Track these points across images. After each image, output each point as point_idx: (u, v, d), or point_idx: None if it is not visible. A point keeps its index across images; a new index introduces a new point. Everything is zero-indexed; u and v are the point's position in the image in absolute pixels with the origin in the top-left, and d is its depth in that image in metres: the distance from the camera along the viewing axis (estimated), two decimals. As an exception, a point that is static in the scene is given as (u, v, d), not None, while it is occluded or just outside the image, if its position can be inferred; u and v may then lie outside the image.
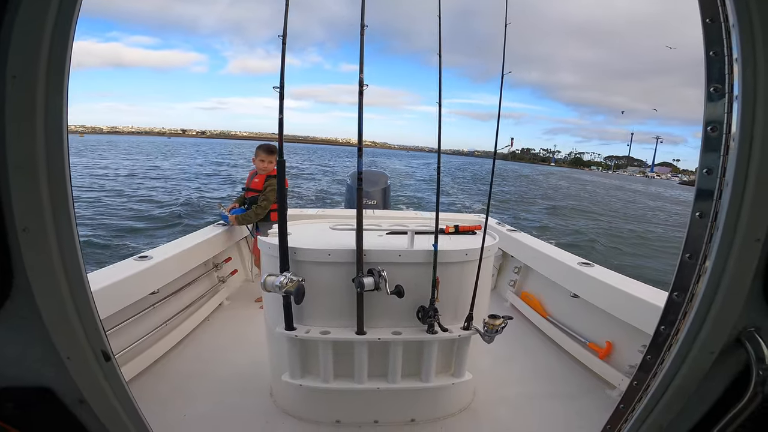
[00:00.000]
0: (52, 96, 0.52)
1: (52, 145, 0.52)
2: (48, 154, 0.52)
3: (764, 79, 0.69)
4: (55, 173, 0.53)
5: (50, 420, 0.67)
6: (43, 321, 0.57)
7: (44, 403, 0.65)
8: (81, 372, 0.62)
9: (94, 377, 0.63)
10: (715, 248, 0.72)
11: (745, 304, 0.77)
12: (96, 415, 0.67)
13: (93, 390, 0.64)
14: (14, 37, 0.49)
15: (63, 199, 0.53)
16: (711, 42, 0.76)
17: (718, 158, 0.71)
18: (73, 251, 0.56)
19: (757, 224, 0.70)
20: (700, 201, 0.74)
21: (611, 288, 2.19)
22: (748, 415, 0.87)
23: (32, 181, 0.51)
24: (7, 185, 0.50)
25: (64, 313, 0.57)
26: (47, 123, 0.51)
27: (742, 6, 0.70)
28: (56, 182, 0.53)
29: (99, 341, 0.61)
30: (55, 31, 0.52)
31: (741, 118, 0.68)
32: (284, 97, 1.58)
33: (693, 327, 0.79)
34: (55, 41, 0.52)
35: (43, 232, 0.53)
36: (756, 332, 0.81)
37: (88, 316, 0.59)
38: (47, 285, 0.55)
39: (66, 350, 0.59)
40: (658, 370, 0.88)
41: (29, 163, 0.51)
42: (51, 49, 0.51)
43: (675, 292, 0.80)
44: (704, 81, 0.75)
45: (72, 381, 0.62)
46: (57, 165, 0.53)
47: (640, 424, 0.97)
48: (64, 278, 0.56)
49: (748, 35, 0.70)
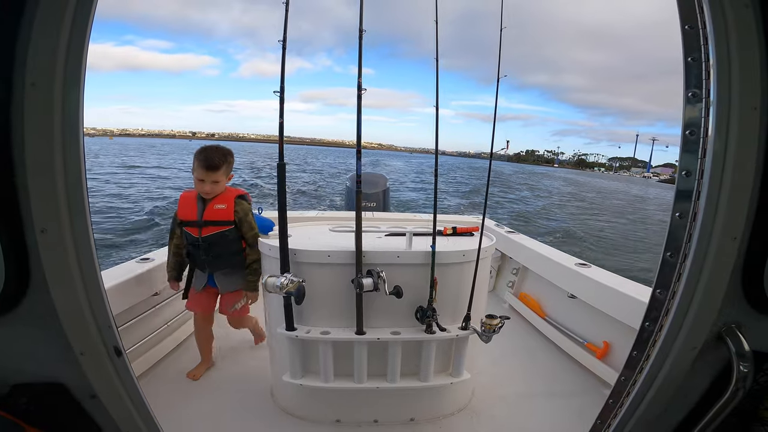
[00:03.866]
0: (69, 102, 0.55)
1: (69, 150, 0.56)
2: (65, 159, 0.55)
3: (738, 85, 0.72)
4: (71, 176, 0.56)
5: (61, 414, 0.69)
6: (59, 318, 0.60)
7: (56, 398, 0.67)
8: (93, 367, 0.64)
9: (106, 372, 0.65)
10: (694, 247, 0.75)
11: (724, 300, 0.80)
12: (106, 409, 0.69)
13: (104, 385, 0.67)
14: (31, 47, 0.52)
15: (79, 201, 0.57)
16: (689, 48, 0.79)
17: (696, 161, 0.74)
18: (88, 251, 0.59)
19: (733, 223, 0.73)
20: (679, 202, 0.77)
21: (608, 288, 2.21)
22: (731, 409, 0.90)
23: (50, 185, 0.54)
24: (26, 189, 0.54)
25: (79, 310, 0.60)
26: (64, 128, 0.55)
27: (718, 14, 0.74)
28: (73, 185, 0.56)
29: (112, 337, 0.64)
30: (71, 39, 0.55)
31: (716, 122, 0.71)
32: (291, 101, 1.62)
33: (675, 323, 0.82)
34: (71, 49, 0.55)
35: (60, 233, 0.57)
36: (737, 328, 0.84)
37: (102, 313, 0.62)
38: (63, 283, 0.58)
39: (80, 346, 0.62)
40: (644, 366, 0.91)
41: (47, 168, 0.54)
42: (67, 57, 0.54)
43: (658, 289, 0.83)
44: (683, 86, 0.79)
45: (84, 376, 0.65)
46: (74, 168, 0.56)
47: (628, 418, 1.00)
48: (79, 277, 0.59)
49: (723, 42, 0.73)
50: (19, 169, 0.53)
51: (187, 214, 1.98)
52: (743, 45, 0.73)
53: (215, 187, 1.94)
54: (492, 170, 1.89)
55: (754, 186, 0.73)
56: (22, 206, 0.54)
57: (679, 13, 0.82)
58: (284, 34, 1.57)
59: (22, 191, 0.54)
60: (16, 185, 0.54)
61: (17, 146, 0.52)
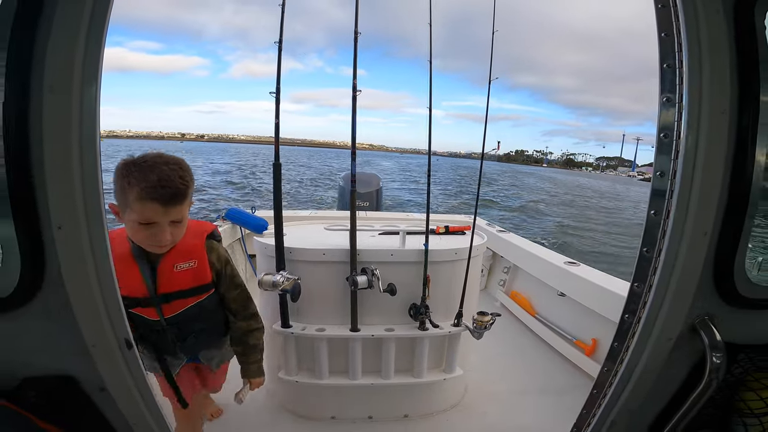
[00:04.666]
0: (86, 104, 0.58)
1: (86, 150, 0.58)
2: (82, 159, 0.58)
3: (709, 90, 0.77)
4: (88, 175, 0.59)
5: (70, 407, 0.71)
6: (72, 311, 0.62)
7: (66, 391, 0.69)
8: (104, 360, 0.66)
9: (116, 365, 0.67)
10: (667, 243, 0.79)
11: (696, 294, 0.84)
12: (115, 402, 0.71)
13: (114, 377, 0.68)
14: (49, 52, 0.55)
15: (95, 198, 0.59)
16: (665, 55, 0.83)
17: (669, 162, 0.79)
18: (102, 246, 0.62)
19: (703, 220, 0.78)
20: (654, 200, 0.82)
21: (595, 286, 2.26)
22: (707, 400, 0.94)
23: (67, 184, 0.57)
24: (44, 188, 0.57)
25: (92, 303, 0.62)
26: (82, 130, 0.58)
27: (691, 21, 0.78)
28: (89, 183, 0.59)
29: (123, 330, 0.66)
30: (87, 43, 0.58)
31: (688, 125, 0.76)
32: (283, 102, 1.66)
33: (651, 315, 0.86)
34: (88, 53, 0.58)
35: (76, 229, 0.59)
36: (709, 320, 0.89)
37: (114, 306, 0.64)
38: (77, 277, 0.61)
39: (91, 338, 0.64)
40: (624, 357, 0.95)
41: (65, 168, 0.57)
42: (84, 60, 0.57)
43: (635, 282, 0.88)
44: (658, 91, 0.83)
45: (95, 369, 0.67)
46: (90, 168, 0.59)
47: (611, 408, 1.03)
48: (93, 271, 0.61)
49: (695, 49, 0.78)
50: (37, 169, 0.56)
51: (127, 286, 1.09)
52: (714, 51, 0.78)
53: (179, 231, 1.15)
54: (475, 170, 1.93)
55: (722, 185, 0.78)
56: (40, 204, 0.57)
57: (656, 21, 0.86)
58: (280, 35, 1.61)
59: (39, 190, 0.56)
60: (34, 185, 0.56)
61: (35, 147, 0.55)
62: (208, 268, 1.27)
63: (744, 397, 1.07)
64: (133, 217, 1.06)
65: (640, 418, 1.05)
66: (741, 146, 0.77)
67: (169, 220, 1.10)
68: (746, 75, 0.77)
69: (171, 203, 1.07)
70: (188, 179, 1.11)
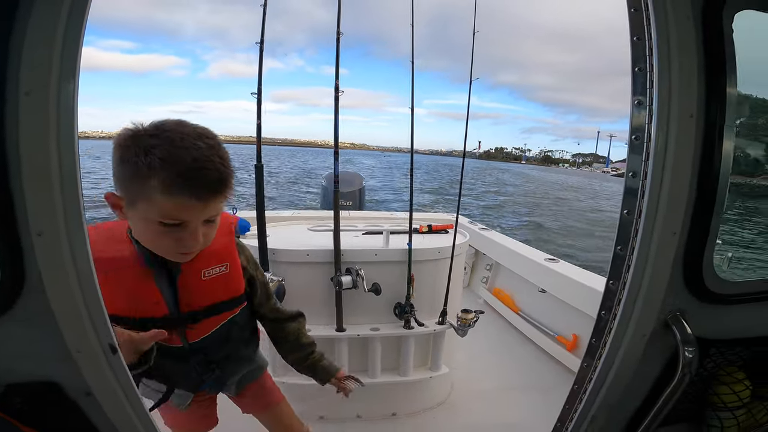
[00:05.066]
0: (63, 107, 0.57)
1: (64, 154, 0.57)
2: (61, 162, 0.57)
3: (677, 93, 0.79)
4: (67, 180, 0.58)
5: (56, 413, 0.70)
6: (55, 317, 0.61)
7: (51, 397, 0.67)
8: (89, 364, 0.65)
9: (101, 369, 0.66)
10: (639, 241, 0.82)
11: (668, 290, 0.87)
12: (101, 407, 0.69)
13: (100, 382, 0.67)
14: (24, 56, 0.53)
15: (75, 203, 0.59)
16: (637, 58, 0.84)
17: (641, 163, 0.81)
18: (83, 251, 0.61)
19: (672, 219, 0.81)
20: (627, 200, 0.84)
21: (574, 282, 2.31)
22: (681, 394, 0.96)
23: (46, 189, 0.56)
24: (23, 194, 0.55)
25: (75, 308, 0.61)
26: (59, 133, 0.57)
27: (662, 26, 0.80)
28: (68, 188, 0.58)
29: (107, 334, 0.65)
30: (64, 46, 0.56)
31: (657, 127, 0.78)
32: (263, 101, 1.64)
33: (626, 312, 0.89)
34: (64, 56, 0.57)
35: (56, 234, 0.58)
36: (681, 316, 0.91)
37: (97, 311, 0.63)
38: (59, 283, 0.60)
39: (75, 344, 0.63)
40: (602, 352, 0.97)
41: (44, 172, 0.56)
42: (61, 63, 0.56)
43: (611, 280, 0.90)
44: (630, 93, 0.85)
45: (80, 374, 0.65)
46: (69, 172, 0.58)
47: (592, 403, 1.05)
48: (75, 276, 0.60)
49: (665, 53, 0.80)
50: (14, 174, 0.55)
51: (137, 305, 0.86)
52: (683, 54, 0.80)
53: (212, 232, 0.85)
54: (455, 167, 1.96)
55: (690, 186, 0.81)
56: (18, 210, 0.56)
57: (629, 25, 0.88)
58: (262, 36, 1.60)
59: (18, 196, 0.55)
60: (11, 190, 0.55)
61: (12, 151, 0.54)
62: (241, 274, 0.98)
63: (717, 391, 1.11)
64: (152, 214, 0.74)
65: (619, 413, 1.07)
66: (708, 147, 0.79)
67: (208, 217, 0.79)
68: (713, 78, 0.80)
69: (212, 196, 0.76)
70: (228, 157, 0.80)
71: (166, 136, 0.73)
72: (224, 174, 0.77)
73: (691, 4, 0.80)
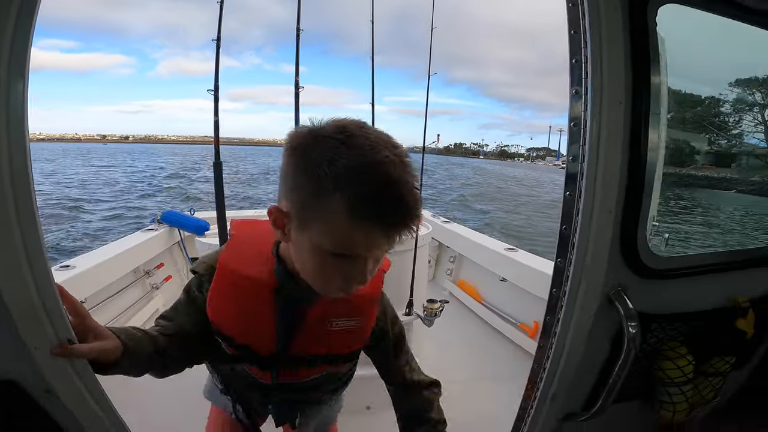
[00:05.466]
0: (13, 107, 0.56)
1: (15, 149, 0.56)
2: (11, 159, 0.56)
3: (608, 82, 0.86)
4: (18, 176, 0.57)
5: (16, 412, 0.67)
6: (11, 315, 0.59)
7: (9, 396, 0.65)
8: (48, 361, 0.63)
9: (60, 366, 0.64)
10: (580, 220, 0.88)
11: (608, 267, 0.93)
12: (63, 404, 0.67)
13: (60, 379, 0.65)
14: None
15: (27, 199, 0.58)
16: (574, 51, 0.90)
17: (579, 148, 0.87)
18: (37, 247, 0.59)
19: (607, 199, 0.87)
20: (569, 183, 0.90)
21: (532, 270, 2.40)
22: (632, 370, 1.01)
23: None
24: None
25: (31, 305, 0.60)
26: (9, 130, 0.56)
27: (595, 19, 0.86)
28: (19, 184, 0.57)
29: (65, 330, 0.63)
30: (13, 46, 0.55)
31: (591, 115, 0.85)
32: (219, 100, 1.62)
33: (573, 289, 0.94)
34: (14, 55, 0.55)
35: (9, 231, 0.57)
36: (623, 291, 0.97)
37: (54, 307, 0.62)
38: (14, 281, 0.58)
39: (33, 341, 0.61)
40: (555, 330, 1.02)
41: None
42: (10, 63, 0.55)
43: (558, 258, 0.96)
44: (569, 84, 0.91)
45: (38, 371, 0.63)
46: (20, 167, 0.57)
47: (551, 381, 1.08)
48: (29, 274, 0.59)
49: (597, 45, 0.86)
50: None
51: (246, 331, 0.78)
52: (612, 46, 0.86)
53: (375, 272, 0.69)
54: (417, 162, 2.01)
55: (621, 169, 0.88)
56: None
57: (567, 19, 0.93)
58: (218, 34, 1.58)
59: None
60: None
61: None
62: (370, 329, 0.84)
63: (662, 367, 1.15)
64: (326, 242, 0.61)
65: (577, 389, 1.11)
66: (635, 133, 0.87)
67: (382, 254, 0.67)
68: (639, 67, 0.87)
69: (402, 228, 0.60)
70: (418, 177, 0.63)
71: (355, 143, 0.57)
72: (418, 201, 0.60)
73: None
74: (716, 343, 1.20)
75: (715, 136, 2.70)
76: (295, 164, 0.61)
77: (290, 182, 0.62)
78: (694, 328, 1.16)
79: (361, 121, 0.63)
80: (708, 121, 2.63)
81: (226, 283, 0.73)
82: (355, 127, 0.60)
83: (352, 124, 0.61)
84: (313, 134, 0.60)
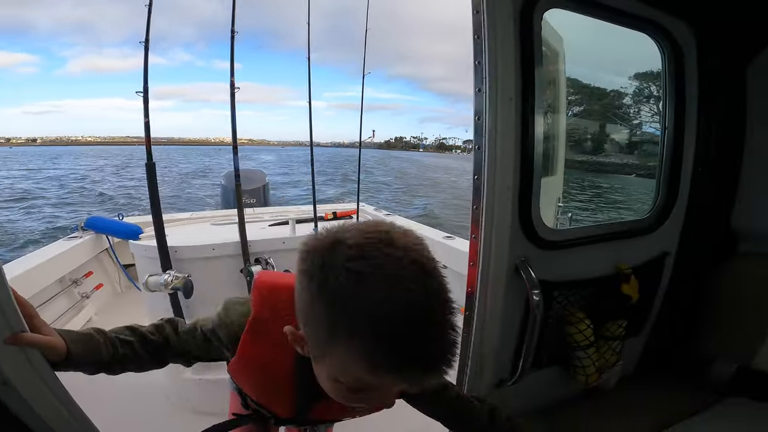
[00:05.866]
0: None
1: None
2: None
3: (502, 82, 1.01)
4: None
5: None
6: None
7: None
8: (3, 353, 0.62)
9: (16, 358, 0.63)
10: (485, 199, 1.03)
11: (511, 239, 1.09)
12: (21, 396, 0.66)
13: (15, 370, 0.64)
14: None
15: None
16: (477, 53, 1.03)
17: (481, 138, 1.02)
18: None
19: (506, 179, 1.03)
20: (475, 168, 1.04)
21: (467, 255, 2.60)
22: (539, 334, 1.12)
23: None
24: None
25: None
26: None
27: (492, 25, 1.00)
28: None
29: (18, 322, 0.63)
30: None
31: (489, 109, 0.99)
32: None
33: (485, 261, 1.09)
34: None
35: None
36: (526, 261, 1.12)
37: (5, 298, 0.62)
38: None
39: None
40: (475, 300, 1.13)
41: None
42: None
43: (473, 234, 1.10)
44: (473, 84, 1.06)
45: None
46: None
47: (479, 346, 1.18)
48: None
49: (493, 49, 1.00)
50: None
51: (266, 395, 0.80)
52: (505, 49, 1.00)
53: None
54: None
55: (515, 155, 1.04)
56: None
57: (472, 25, 1.05)
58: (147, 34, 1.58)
59: None
60: None
61: None
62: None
63: (568, 332, 1.27)
64: (342, 378, 0.57)
65: (503, 355, 1.21)
66: (524, 125, 1.03)
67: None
68: (526, 68, 1.03)
69: (430, 377, 0.52)
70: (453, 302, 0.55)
71: (374, 274, 0.49)
72: (449, 346, 0.51)
73: (512, 5, 1.01)
74: (608, 308, 1.33)
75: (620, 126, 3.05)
76: (309, 291, 0.53)
77: (304, 310, 0.56)
78: (590, 294, 1.30)
79: (388, 228, 0.54)
80: (612, 113, 2.98)
81: (248, 360, 0.71)
82: (376, 247, 0.51)
83: (373, 242, 0.51)
84: (322, 255, 0.53)
